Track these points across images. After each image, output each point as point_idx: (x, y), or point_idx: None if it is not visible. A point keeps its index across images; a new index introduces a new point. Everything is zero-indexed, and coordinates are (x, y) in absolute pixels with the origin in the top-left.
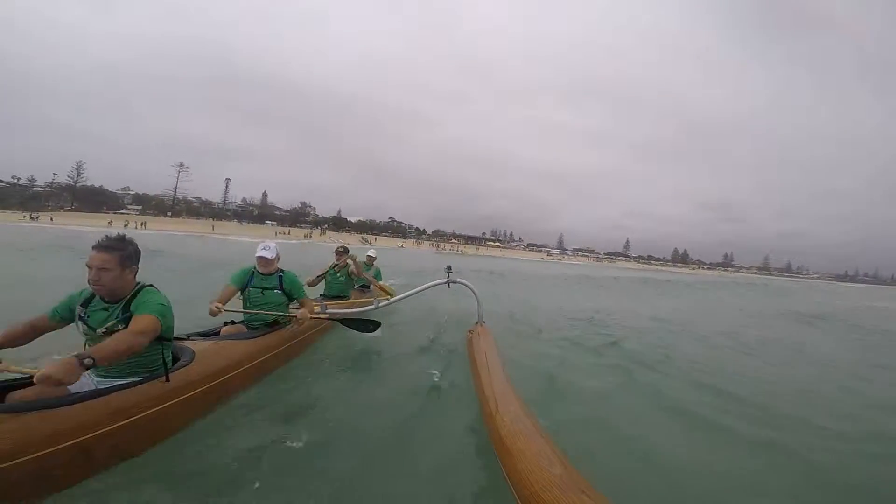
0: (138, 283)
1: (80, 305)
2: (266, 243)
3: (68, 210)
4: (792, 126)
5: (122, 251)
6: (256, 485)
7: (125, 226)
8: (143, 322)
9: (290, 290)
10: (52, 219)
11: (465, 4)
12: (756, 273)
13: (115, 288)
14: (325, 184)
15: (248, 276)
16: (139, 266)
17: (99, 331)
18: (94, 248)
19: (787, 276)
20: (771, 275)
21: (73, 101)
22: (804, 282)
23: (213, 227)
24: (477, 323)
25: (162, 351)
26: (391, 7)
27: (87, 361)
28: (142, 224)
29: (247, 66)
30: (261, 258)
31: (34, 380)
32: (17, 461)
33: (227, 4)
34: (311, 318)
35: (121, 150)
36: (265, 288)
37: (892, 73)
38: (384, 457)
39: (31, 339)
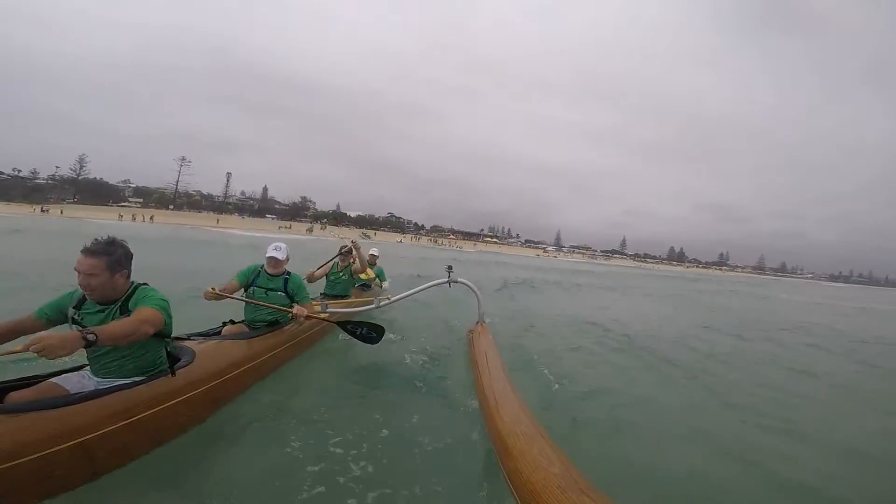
0: (133, 282)
1: (73, 307)
2: (277, 244)
3: (71, 203)
4: (794, 129)
5: (111, 256)
6: (257, 485)
7: (133, 218)
8: (146, 312)
9: (293, 293)
10: (61, 212)
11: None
12: (750, 272)
13: (106, 292)
14: (324, 177)
15: (253, 275)
16: (132, 268)
17: None
18: (82, 251)
19: (781, 276)
20: (765, 275)
21: (72, 91)
22: (781, 281)
23: (217, 220)
24: (478, 322)
25: (165, 347)
26: (393, 2)
27: (89, 336)
28: (150, 217)
29: (249, 57)
30: (271, 258)
31: (30, 347)
32: (18, 461)
33: None
34: (307, 316)
35: (120, 141)
36: (269, 289)
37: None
38: (384, 456)
39: (11, 339)
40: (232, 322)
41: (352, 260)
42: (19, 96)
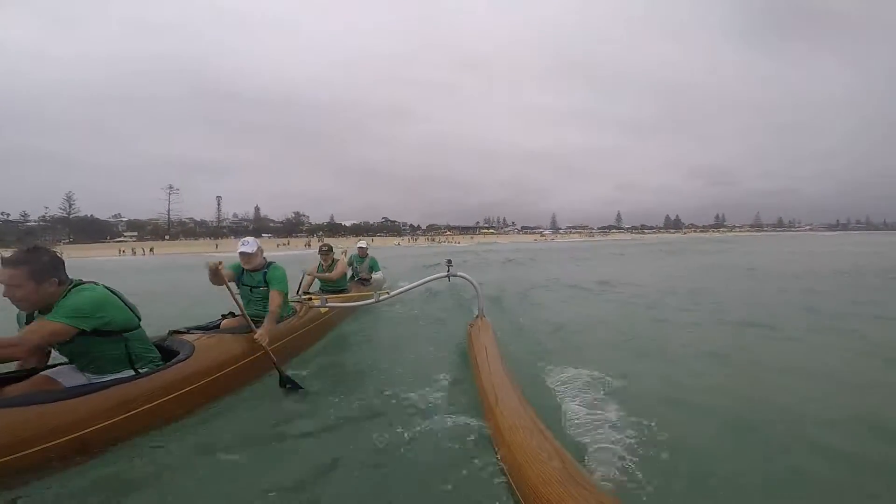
0: (73, 283)
1: (26, 324)
2: (245, 239)
3: (67, 243)
4: (765, 90)
5: (32, 264)
6: (253, 480)
7: (133, 252)
8: (37, 327)
9: (270, 284)
10: (62, 253)
11: None
12: (748, 231)
13: (35, 302)
14: (315, 190)
15: (239, 273)
16: (67, 275)
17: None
18: (2, 263)
19: (779, 231)
20: (763, 231)
21: (43, 127)
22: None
23: (216, 245)
24: (477, 316)
25: (126, 343)
26: (365, 5)
27: None
28: (150, 250)
29: (224, 78)
30: (241, 254)
31: None
32: (15, 455)
33: (198, 17)
34: (264, 338)
35: (102, 175)
36: (252, 286)
37: (857, 41)
38: (382, 450)
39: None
40: (232, 315)
41: (332, 259)
42: None
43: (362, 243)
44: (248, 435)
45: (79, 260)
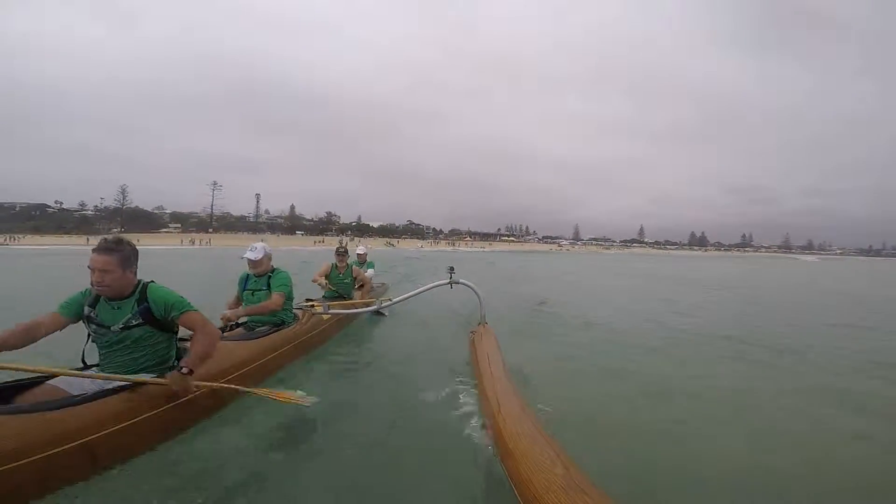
0: (139, 279)
1: (88, 306)
2: (253, 244)
3: (123, 232)
4: (798, 106)
5: (122, 252)
6: (255, 487)
7: (192, 242)
8: (196, 316)
9: (273, 285)
10: (138, 241)
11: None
12: (775, 252)
13: (118, 288)
14: (344, 190)
15: (244, 281)
16: (138, 266)
17: (115, 327)
18: (94, 250)
19: (807, 253)
20: (791, 252)
21: (90, 123)
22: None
23: (262, 240)
24: (479, 323)
25: (175, 342)
26: (409, 8)
27: (184, 371)
28: (208, 241)
29: (265, 78)
30: (248, 260)
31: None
32: (21, 462)
33: (245, 21)
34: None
35: (143, 169)
36: (255, 290)
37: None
38: (385, 459)
39: (31, 338)
40: (234, 324)
41: (347, 263)
42: (41, 130)
43: (361, 249)
44: (248, 443)
45: (155, 248)
